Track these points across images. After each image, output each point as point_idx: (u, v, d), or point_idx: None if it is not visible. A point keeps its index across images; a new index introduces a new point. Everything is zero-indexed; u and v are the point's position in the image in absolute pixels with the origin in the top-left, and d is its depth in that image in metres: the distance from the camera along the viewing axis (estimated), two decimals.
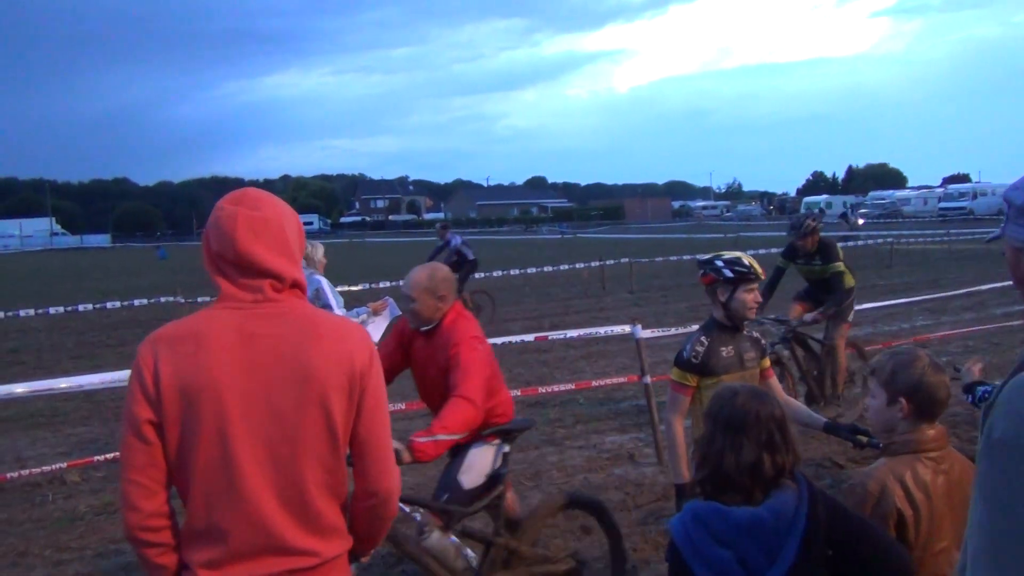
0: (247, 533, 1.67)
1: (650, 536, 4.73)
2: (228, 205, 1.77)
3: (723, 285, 3.47)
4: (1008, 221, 1.25)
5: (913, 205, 59.02)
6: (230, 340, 1.69)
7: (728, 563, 1.89)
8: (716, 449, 2.01)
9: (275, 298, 1.75)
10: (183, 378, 1.66)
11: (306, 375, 1.70)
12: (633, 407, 7.63)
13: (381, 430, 1.82)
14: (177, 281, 21.45)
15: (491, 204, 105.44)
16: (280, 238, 1.77)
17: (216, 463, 1.67)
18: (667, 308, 14.90)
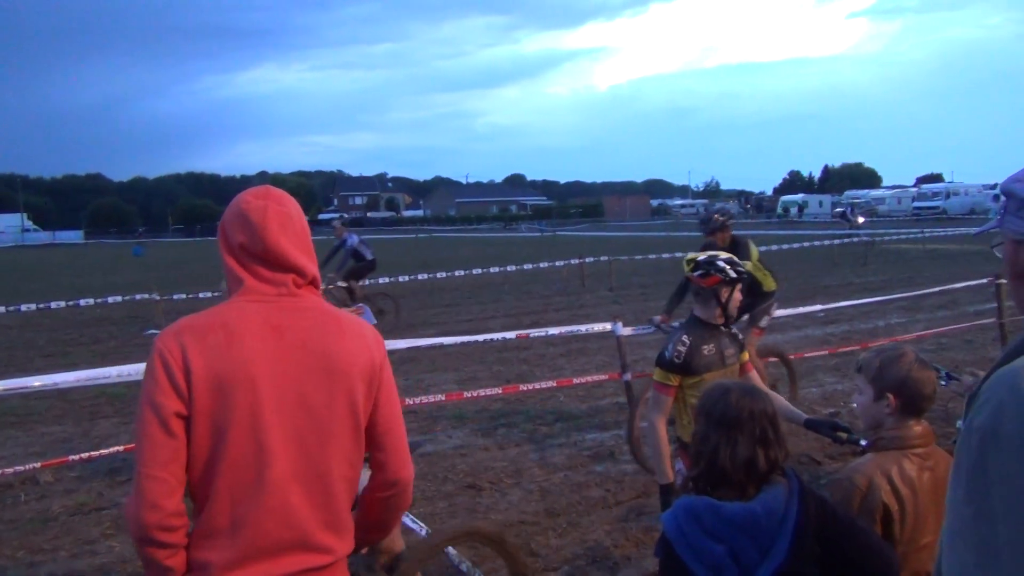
0: (272, 527, 1.66)
1: (631, 533, 4.75)
2: (255, 199, 1.78)
3: (727, 285, 3.53)
4: (1007, 213, 1.24)
5: (888, 204, 59.85)
6: (261, 331, 1.70)
7: (721, 557, 1.90)
8: (711, 446, 2.01)
9: (297, 293, 1.78)
10: (216, 369, 1.64)
11: (333, 367, 1.73)
12: (614, 404, 7.64)
13: (397, 421, 1.86)
14: (153, 278, 21.20)
15: (470, 201, 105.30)
16: (303, 235, 1.81)
17: (248, 456, 1.65)
18: (647, 306, 14.96)
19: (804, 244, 24.70)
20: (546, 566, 4.41)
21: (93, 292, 17.32)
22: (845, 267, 21.20)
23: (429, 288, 19.27)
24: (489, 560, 4.51)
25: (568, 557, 4.51)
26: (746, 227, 48.03)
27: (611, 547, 4.59)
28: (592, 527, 4.89)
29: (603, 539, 4.70)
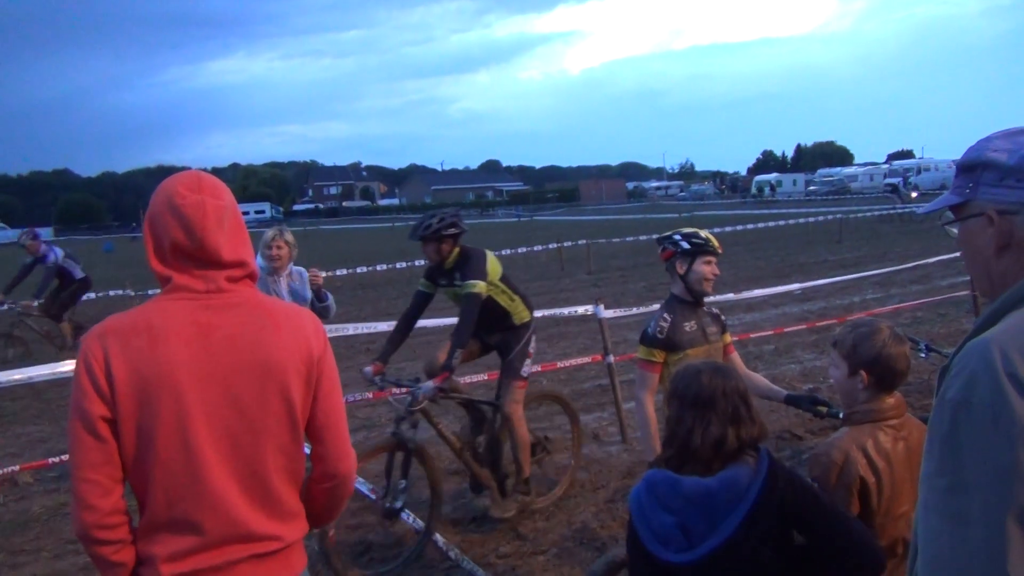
0: (212, 523, 1.66)
1: (617, 514, 4.78)
2: (190, 193, 1.69)
3: (681, 257, 3.51)
4: (982, 185, 1.23)
5: (860, 181, 60.46)
6: (186, 332, 1.66)
7: (669, 528, 1.95)
8: (685, 428, 2.03)
9: (229, 288, 1.73)
10: (138, 372, 1.61)
11: (265, 365, 1.70)
12: (596, 387, 7.68)
13: (337, 414, 1.83)
14: (126, 274, 20.89)
15: (446, 189, 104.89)
16: (240, 227, 1.76)
17: (177, 457, 1.64)
18: (626, 288, 15.02)
19: (780, 223, 24.92)
20: (534, 549, 4.43)
21: None
22: (819, 245, 21.42)
23: (408, 276, 19.17)
24: (477, 546, 4.52)
25: (555, 539, 4.53)
26: (721, 207, 48.32)
27: (598, 528, 4.62)
28: (579, 509, 4.92)
29: (590, 520, 4.73)
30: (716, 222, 25.48)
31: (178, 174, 1.78)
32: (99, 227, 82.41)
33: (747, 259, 18.83)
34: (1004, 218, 1.19)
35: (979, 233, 1.22)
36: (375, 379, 4.70)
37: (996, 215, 1.20)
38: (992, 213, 1.20)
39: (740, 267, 17.01)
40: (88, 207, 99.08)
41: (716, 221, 26.59)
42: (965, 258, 1.28)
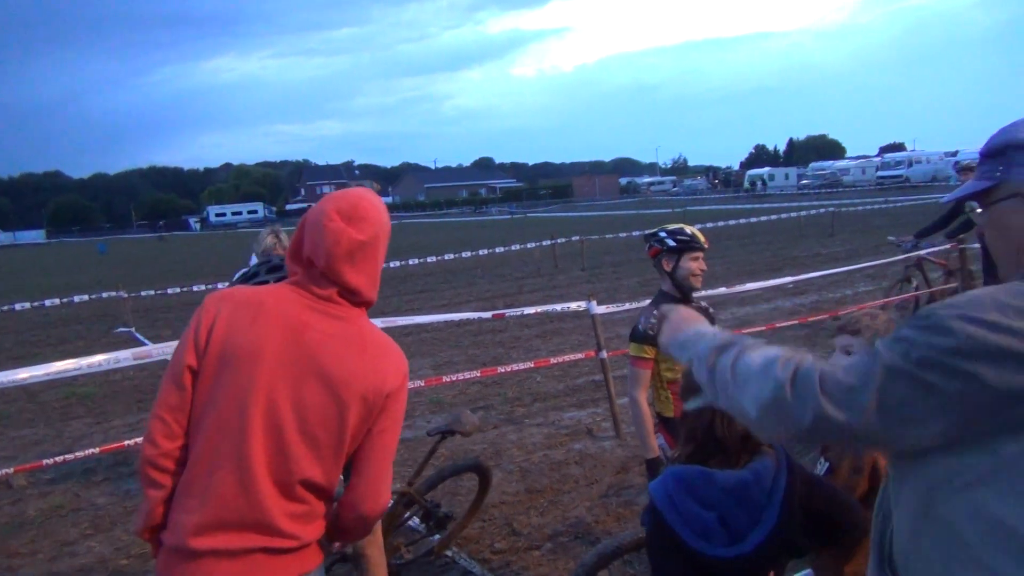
0: (239, 503, 1.71)
1: (612, 508, 4.81)
2: (338, 219, 1.80)
3: (668, 255, 3.51)
4: (1015, 166, 1.23)
5: (852, 175, 60.59)
6: (286, 321, 1.77)
7: (711, 524, 1.94)
8: (705, 421, 2.03)
9: (342, 302, 1.84)
10: (232, 339, 1.73)
11: (337, 380, 1.77)
12: (590, 383, 7.71)
13: (383, 453, 1.87)
14: (119, 276, 20.85)
15: (439, 187, 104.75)
16: (372, 263, 1.86)
17: (230, 428, 1.72)
18: (619, 284, 15.05)
19: (772, 217, 24.98)
20: (529, 544, 4.45)
21: (58, 292, 16.97)
22: (812, 238, 21.48)
23: (401, 275, 19.20)
24: (472, 542, 4.54)
25: (550, 534, 4.56)
26: (714, 202, 48.36)
27: (592, 523, 4.64)
28: (573, 504, 4.95)
29: (584, 516, 4.76)
30: (709, 217, 25.55)
31: (346, 192, 1.89)
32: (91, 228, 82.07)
33: (740, 253, 18.88)
34: None
35: (1012, 214, 1.23)
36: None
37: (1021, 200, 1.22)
38: (1021, 197, 1.22)
39: (733, 261, 17.06)
40: (80, 209, 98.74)
41: (709, 216, 26.65)
42: (993, 241, 1.29)
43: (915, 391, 1.07)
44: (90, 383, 9.16)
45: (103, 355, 5.02)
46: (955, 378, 1.05)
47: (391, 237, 1.97)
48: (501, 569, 4.22)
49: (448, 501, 4.92)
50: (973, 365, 1.05)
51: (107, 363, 4.95)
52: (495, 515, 4.88)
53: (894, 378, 1.08)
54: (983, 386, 1.05)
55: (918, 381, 1.07)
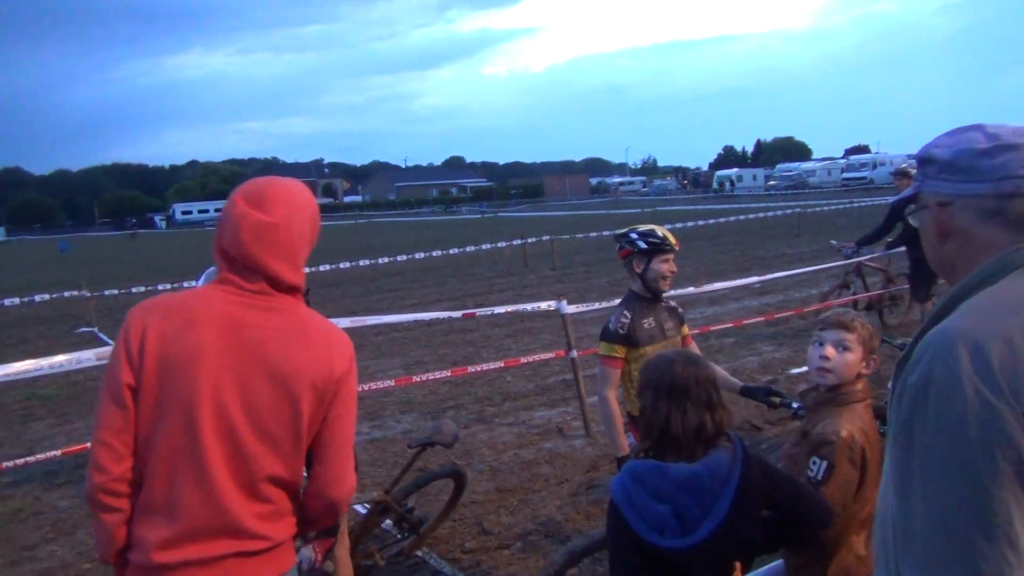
0: (205, 511, 1.69)
1: (582, 507, 4.83)
2: (242, 204, 1.77)
3: (639, 256, 3.54)
4: (927, 178, 1.28)
5: (818, 176, 61.52)
6: (220, 323, 1.72)
7: (664, 517, 1.98)
8: (662, 416, 2.07)
9: (272, 293, 1.79)
10: (167, 349, 1.68)
11: (284, 372, 1.73)
12: (560, 382, 7.73)
13: (342, 438, 1.84)
14: (82, 274, 20.44)
15: (410, 185, 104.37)
16: (286, 244, 1.79)
17: (183, 438, 1.68)
18: (590, 284, 15.12)
19: (740, 217, 25.27)
20: (499, 543, 4.46)
21: (18, 291, 16.58)
22: (778, 238, 21.77)
23: (371, 274, 19.09)
24: (442, 542, 4.53)
25: (520, 533, 4.56)
26: (683, 202, 48.80)
27: (563, 521, 4.66)
28: (543, 503, 4.96)
29: (554, 514, 4.77)
30: (678, 217, 25.78)
31: (252, 180, 1.85)
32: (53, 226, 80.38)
33: (708, 253, 19.07)
34: (942, 209, 1.27)
35: (927, 222, 1.31)
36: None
37: (936, 206, 1.28)
38: (933, 204, 1.28)
39: (701, 261, 17.23)
40: (41, 206, 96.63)
41: (679, 216, 26.88)
42: (923, 245, 1.36)
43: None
44: (51, 384, 8.98)
45: (65, 355, 4.92)
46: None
47: (361, 234, 1.96)
48: (471, 568, 4.22)
49: (417, 500, 4.90)
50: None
51: (69, 363, 4.85)
52: (465, 515, 4.88)
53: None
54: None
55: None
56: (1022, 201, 1.19)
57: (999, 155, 1.21)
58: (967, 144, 1.24)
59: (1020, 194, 1.19)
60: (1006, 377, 1.07)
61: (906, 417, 1.15)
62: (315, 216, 1.88)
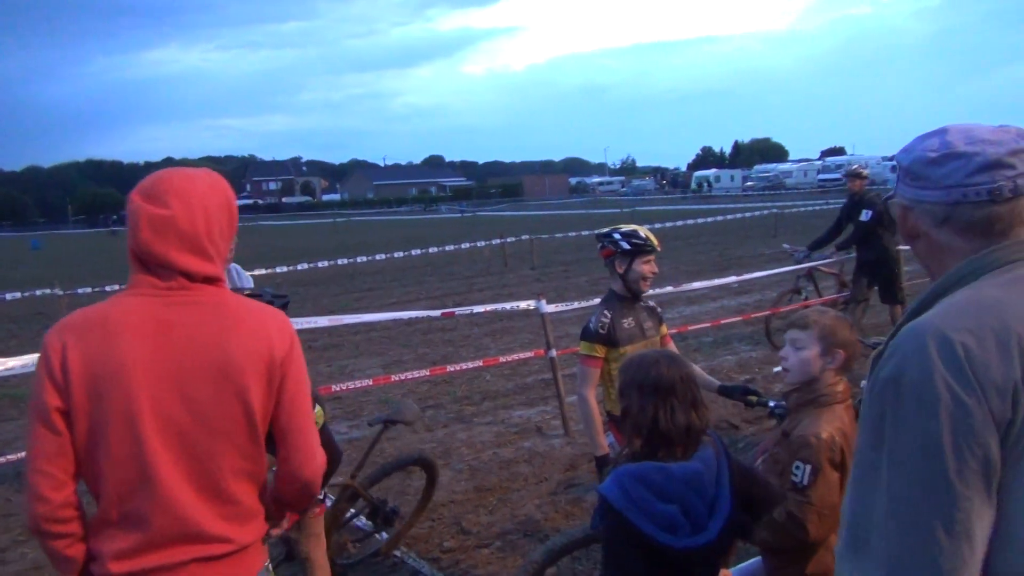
0: (162, 521, 1.65)
1: (560, 505, 4.83)
2: (136, 198, 1.70)
3: (621, 257, 3.55)
4: (898, 182, 1.35)
5: (795, 177, 62.12)
6: (143, 329, 1.65)
7: (675, 516, 1.97)
8: (649, 416, 2.07)
9: (191, 286, 1.71)
10: (92, 367, 1.62)
11: (223, 365, 1.67)
12: (539, 381, 7.74)
13: (302, 417, 1.80)
14: (54, 272, 20.13)
15: (388, 184, 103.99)
16: (189, 235, 1.69)
17: (127, 453, 1.63)
18: (569, 283, 15.15)
19: (718, 218, 25.45)
20: (478, 542, 4.45)
21: None
22: (756, 239, 21.95)
23: (350, 272, 18.99)
24: (421, 541, 4.52)
25: (499, 532, 4.56)
26: (662, 202, 49.09)
27: (542, 520, 4.66)
28: (522, 502, 4.96)
29: (533, 513, 4.77)
30: (657, 217, 25.92)
31: (156, 172, 1.77)
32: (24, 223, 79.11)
33: (687, 253, 19.19)
34: (907, 212, 1.31)
35: (900, 220, 1.36)
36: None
37: (901, 208, 1.32)
38: (899, 207, 1.33)
39: (680, 261, 17.33)
40: (12, 202, 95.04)
41: (657, 216, 27.04)
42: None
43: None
44: (22, 384, 8.82)
45: (36, 354, 4.83)
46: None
47: (339, 233, 1.94)
48: (450, 568, 4.21)
49: (395, 500, 4.88)
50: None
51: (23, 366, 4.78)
52: (444, 514, 4.87)
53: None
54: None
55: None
56: (970, 209, 1.21)
57: (947, 164, 1.23)
58: (921, 152, 1.27)
59: (967, 202, 1.21)
60: (976, 374, 1.09)
61: (877, 410, 1.16)
62: (224, 203, 1.78)
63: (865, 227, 8.08)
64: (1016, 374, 1.08)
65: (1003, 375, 1.08)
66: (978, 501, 1.07)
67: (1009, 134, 1.23)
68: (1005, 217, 1.20)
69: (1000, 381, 1.08)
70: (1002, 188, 1.19)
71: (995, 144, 1.21)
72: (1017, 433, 1.08)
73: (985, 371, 1.09)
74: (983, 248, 1.21)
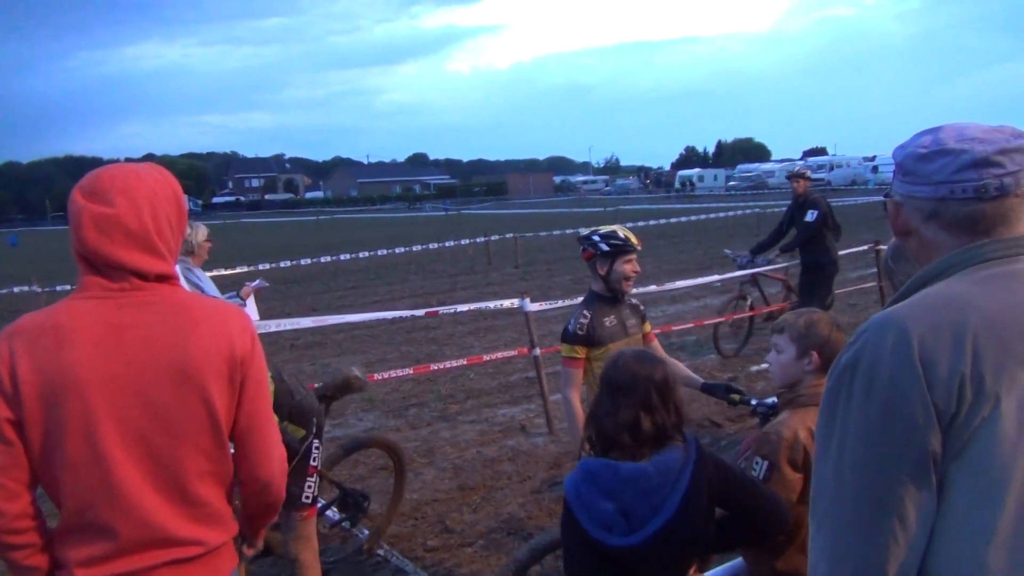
0: (126, 528, 1.61)
1: (544, 504, 4.84)
2: (78, 198, 1.64)
3: (602, 258, 3.57)
4: (893, 178, 1.37)
5: (777, 177, 62.44)
6: (96, 333, 1.59)
7: (611, 515, 1.99)
8: (602, 409, 2.11)
9: (144, 286, 1.65)
10: (44, 375, 1.56)
11: (183, 366, 1.63)
12: (523, 379, 7.74)
13: (262, 417, 1.77)
14: (32, 269, 19.90)
15: (372, 182, 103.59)
16: (137, 233, 1.63)
17: (85, 460, 1.58)
18: (553, 282, 15.16)
19: (701, 217, 25.57)
20: (462, 541, 4.44)
21: None
22: (739, 238, 22.07)
23: (333, 270, 18.90)
24: (404, 540, 4.51)
25: (483, 531, 4.56)
26: (646, 201, 49.24)
27: (525, 519, 4.66)
28: (506, 501, 4.96)
29: (517, 511, 4.77)
30: (641, 216, 26.01)
31: (97, 170, 1.70)
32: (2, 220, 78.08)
33: (670, 252, 19.27)
34: (898, 208, 1.34)
35: (892, 216, 1.38)
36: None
37: (893, 205, 1.35)
38: (891, 204, 1.36)
39: (664, 260, 17.40)
40: None
41: (641, 215, 27.13)
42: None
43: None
44: None
45: None
46: None
47: (323, 231, 1.92)
48: (434, 567, 4.20)
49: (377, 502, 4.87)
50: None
51: None
52: (428, 513, 4.86)
53: None
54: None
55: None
56: (956, 205, 1.24)
57: (936, 160, 1.25)
58: (913, 148, 1.30)
59: (953, 199, 1.23)
60: (925, 366, 1.12)
61: (834, 394, 1.21)
62: (171, 197, 1.72)
63: (810, 229, 7.86)
64: (965, 369, 1.11)
65: (950, 369, 1.11)
66: (914, 488, 1.12)
67: (1003, 134, 1.24)
68: (990, 215, 1.22)
69: (946, 375, 1.11)
70: (988, 186, 1.21)
71: (984, 142, 1.22)
72: (959, 426, 1.11)
73: (933, 364, 1.11)
74: (969, 244, 1.24)
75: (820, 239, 7.89)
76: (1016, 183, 1.21)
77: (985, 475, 1.10)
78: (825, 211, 7.88)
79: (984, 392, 1.10)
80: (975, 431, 1.10)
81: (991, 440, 1.10)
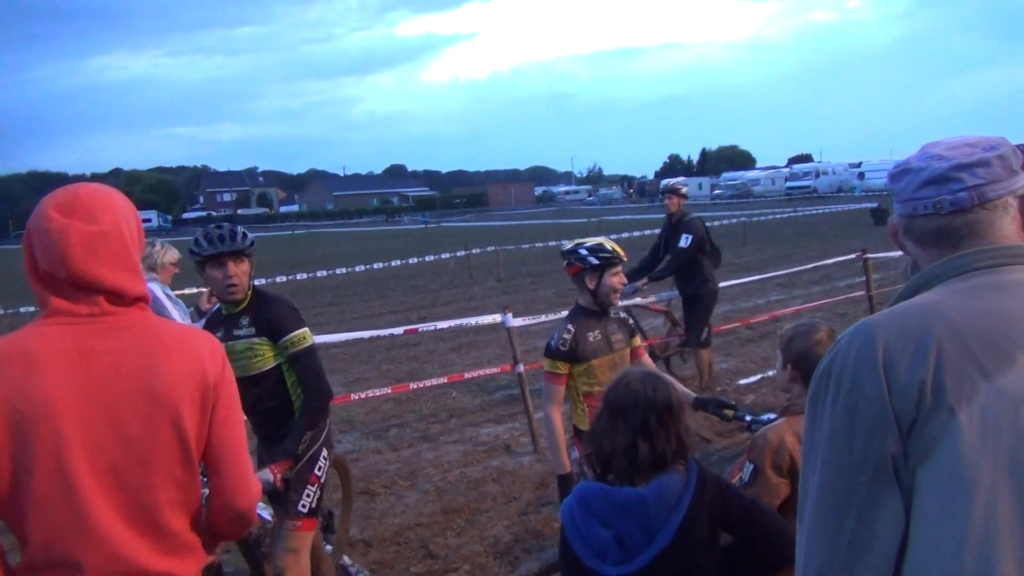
0: (96, 562, 1.55)
1: (531, 526, 4.69)
2: (58, 217, 1.57)
3: (591, 272, 3.52)
4: (894, 199, 1.42)
5: (763, 185, 62.98)
6: (65, 360, 1.55)
7: (604, 542, 1.95)
8: (600, 429, 2.08)
9: (114, 311, 1.61)
10: (12, 403, 1.51)
11: (153, 392, 1.59)
12: (507, 397, 7.58)
13: (235, 443, 1.73)
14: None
15: (349, 195, 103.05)
16: (122, 252, 1.62)
17: (55, 493, 1.53)
18: (536, 295, 15.03)
19: None
20: (446, 567, 4.30)
21: None
22: (725, 248, 22.01)
23: (309, 287, 18.61)
24: (387, 567, 4.34)
25: (468, 555, 4.41)
26: (630, 211, 49.45)
27: (511, 541, 4.52)
28: (491, 523, 4.81)
29: (503, 534, 4.63)
30: (625, 227, 26.01)
31: (59, 190, 1.65)
32: None
33: None
34: (894, 223, 1.39)
35: (891, 236, 1.44)
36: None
37: (892, 222, 1.41)
38: (892, 219, 1.41)
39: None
40: None
41: (625, 226, 27.15)
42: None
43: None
44: None
45: None
46: None
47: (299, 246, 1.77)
48: None
49: (361, 528, 4.69)
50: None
51: None
52: (411, 537, 4.70)
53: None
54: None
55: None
56: (921, 220, 1.30)
57: (902, 179, 1.33)
58: (892, 168, 1.38)
59: (917, 215, 1.30)
60: (887, 371, 1.15)
61: (812, 399, 1.25)
62: (138, 218, 1.73)
63: (683, 255, 6.91)
64: (926, 376, 1.13)
65: (910, 375, 1.14)
66: (876, 490, 1.15)
67: (969, 148, 1.27)
68: (955, 228, 1.26)
69: (906, 381, 1.14)
70: (943, 201, 1.26)
71: (943, 159, 1.27)
72: (920, 432, 1.13)
73: (895, 370, 1.15)
74: (940, 258, 1.29)
75: (696, 266, 7.04)
76: (978, 196, 1.24)
77: (952, 481, 1.12)
78: (701, 235, 7.01)
79: (944, 399, 1.12)
80: (938, 437, 1.12)
81: (955, 447, 1.11)
